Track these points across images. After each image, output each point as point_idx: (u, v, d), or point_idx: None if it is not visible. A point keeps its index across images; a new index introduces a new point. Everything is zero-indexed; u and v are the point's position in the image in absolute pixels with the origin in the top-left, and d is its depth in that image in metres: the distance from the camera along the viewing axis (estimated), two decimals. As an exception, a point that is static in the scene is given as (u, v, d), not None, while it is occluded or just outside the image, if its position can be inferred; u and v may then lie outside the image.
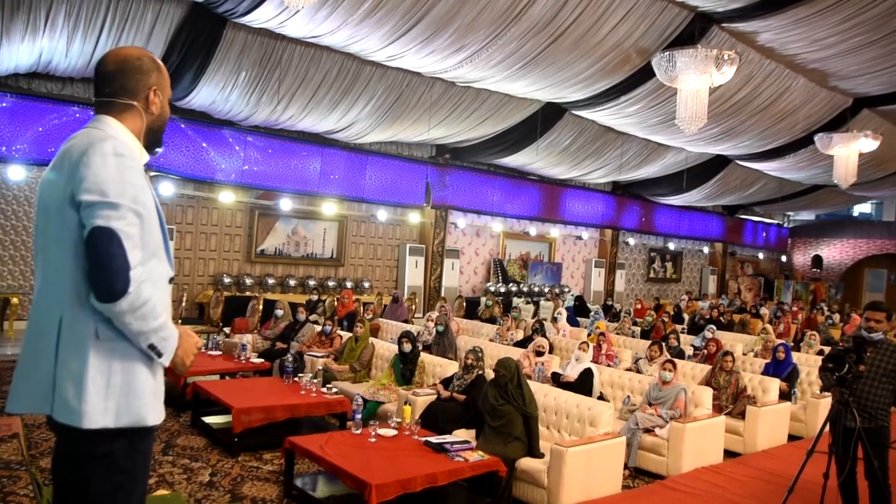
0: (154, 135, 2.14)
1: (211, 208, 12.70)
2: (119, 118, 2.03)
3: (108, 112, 2.04)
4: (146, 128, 2.09)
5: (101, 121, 2.02)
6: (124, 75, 2.04)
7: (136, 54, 2.09)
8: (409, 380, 7.07)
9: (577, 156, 15.43)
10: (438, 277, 15.52)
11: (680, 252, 22.16)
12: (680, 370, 7.76)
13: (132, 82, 2.05)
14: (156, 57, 2.15)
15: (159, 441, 5.89)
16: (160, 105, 2.11)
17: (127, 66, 2.05)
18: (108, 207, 1.81)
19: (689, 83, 10.03)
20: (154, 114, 2.10)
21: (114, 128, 2.00)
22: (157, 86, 2.09)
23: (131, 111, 2.05)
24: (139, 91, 2.06)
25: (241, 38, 9.71)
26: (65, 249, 1.87)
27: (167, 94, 2.15)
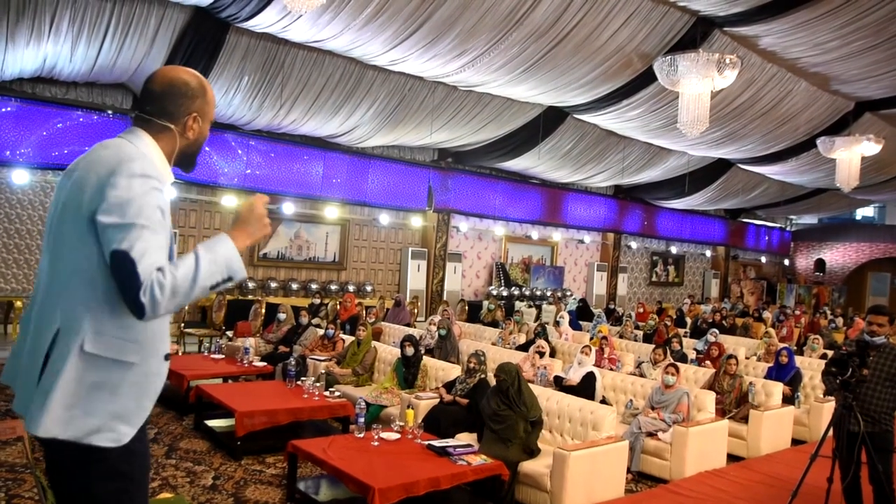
0: (187, 157, 2.14)
1: (214, 212, 12.73)
2: (154, 136, 2.02)
3: (145, 127, 2.03)
4: (179, 150, 2.09)
5: (136, 134, 2.01)
6: (167, 98, 2.03)
7: (184, 79, 2.07)
8: (412, 383, 7.08)
9: (579, 160, 15.44)
10: (441, 281, 15.53)
11: (682, 256, 22.15)
12: (683, 374, 7.77)
13: (173, 106, 2.03)
14: (205, 80, 2.13)
15: (162, 444, 5.89)
16: (198, 131, 2.10)
17: (172, 90, 2.04)
18: (125, 229, 1.78)
19: (691, 87, 10.04)
20: (190, 139, 2.09)
21: (146, 144, 1.99)
22: (199, 112, 2.08)
23: (168, 133, 2.04)
24: (179, 116, 2.05)
25: (244, 43, 9.74)
26: (75, 261, 1.86)
27: (209, 118, 2.13)
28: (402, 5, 8.54)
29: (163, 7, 8.81)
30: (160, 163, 2.00)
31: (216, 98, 9.61)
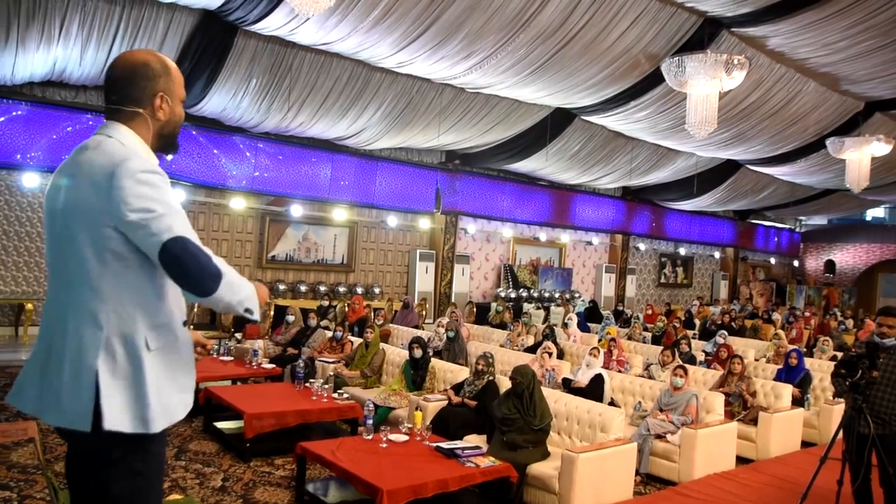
0: (165, 139, 2.11)
1: (222, 214, 12.78)
2: (128, 125, 2.01)
3: (117, 119, 2.02)
4: (155, 134, 2.07)
5: (113, 128, 2.00)
6: (129, 83, 2.01)
7: (143, 59, 2.05)
8: (420, 385, 7.08)
9: (587, 161, 15.42)
10: (449, 283, 15.54)
11: (691, 257, 22.08)
12: (691, 376, 7.75)
13: (137, 90, 2.01)
14: (166, 58, 2.09)
15: (172, 446, 5.92)
16: (168, 111, 2.07)
17: (132, 73, 2.02)
18: (161, 219, 1.82)
19: (699, 88, 10.02)
20: (161, 119, 2.06)
21: (125, 136, 1.98)
22: (165, 91, 2.05)
23: (138, 118, 2.03)
24: (144, 98, 2.02)
25: (251, 46, 9.78)
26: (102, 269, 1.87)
27: (178, 96, 2.10)
28: (410, 7, 8.55)
29: (171, 11, 8.86)
30: (143, 150, 2.01)
31: (224, 101, 9.71)
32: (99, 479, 1.90)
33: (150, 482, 1.96)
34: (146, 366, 1.88)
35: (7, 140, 9.98)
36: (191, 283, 1.86)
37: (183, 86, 2.13)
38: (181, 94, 2.11)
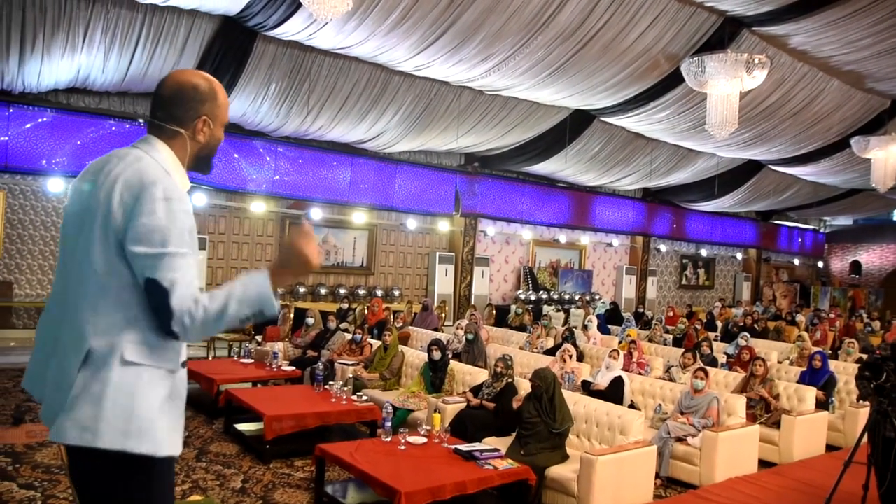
0: (200, 161, 2.12)
1: (243, 218, 12.89)
2: (167, 142, 2.02)
3: (157, 134, 2.03)
4: (192, 155, 2.07)
5: (150, 143, 2.00)
6: (175, 103, 2.02)
7: (193, 82, 2.05)
8: (439, 388, 7.08)
9: (607, 163, 15.35)
10: (468, 285, 15.53)
11: (712, 258, 21.87)
12: (712, 378, 7.67)
13: (181, 111, 2.02)
14: (216, 83, 2.09)
15: (193, 448, 5.97)
16: (209, 134, 2.07)
17: (180, 94, 2.02)
18: (161, 259, 1.81)
19: (719, 88, 9.95)
20: (201, 142, 2.07)
21: (161, 153, 1.98)
22: (209, 115, 2.05)
23: (178, 138, 2.02)
24: (188, 120, 2.03)
25: (271, 51, 9.86)
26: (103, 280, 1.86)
27: (220, 121, 2.10)
28: (427, 11, 8.58)
29: (192, 17, 8.96)
30: (176, 170, 2.00)
31: (244, 106, 9.79)
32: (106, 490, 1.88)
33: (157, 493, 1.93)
34: (113, 377, 1.83)
35: (33, 146, 10.15)
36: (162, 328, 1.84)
37: (227, 110, 2.14)
38: (224, 119, 2.12)
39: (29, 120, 10.12)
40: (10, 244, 10.72)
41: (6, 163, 10.04)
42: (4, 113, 9.93)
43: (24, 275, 10.82)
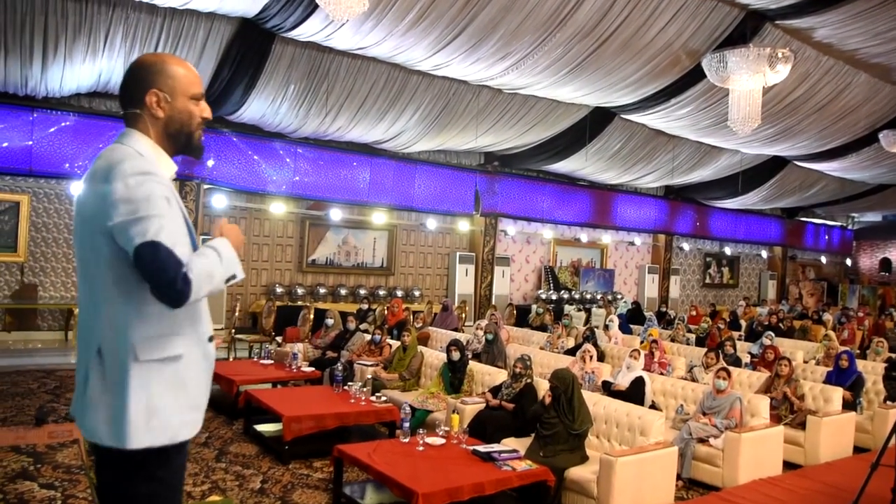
0: (176, 139, 2.05)
1: (263, 219, 12.95)
2: (139, 129, 2.00)
3: (129, 124, 2.02)
4: (160, 134, 2.02)
5: (126, 133, 2.00)
6: (127, 86, 2.01)
7: (141, 60, 2.03)
8: (458, 388, 7.05)
9: (628, 160, 15.21)
10: (489, 285, 15.48)
11: (737, 257, 21.58)
12: (736, 378, 7.55)
13: (130, 91, 2.00)
14: (168, 57, 2.04)
15: (212, 448, 6.00)
16: (168, 108, 2.00)
17: (128, 76, 2.02)
18: (140, 222, 1.79)
19: (742, 83, 9.80)
20: (160, 117, 2.00)
21: (137, 140, 1.97)
22: (162, 87, 1.98)
23: (140, 119, 1.99)
24: (139, 98, 1.99)
25: (289, 52, 9.90)
26: (99, 276, 1.88)
27: (182, 93, 2.01)
28: (444, 10, 8.55)
29: (210, 20, 9.02)
30: (155, 155, 1.98)
31: (263, 107, 9.80)
32: (120, 484, 1.92)
33: (169, 486, 1.97)
34: (132, 377, 1.85)
35: (56, 150, 10.29)
36: (158, 293, 1.82)
37: (193, 83, 2.04)
38: (189, 91, 2.03)
39: (52, 124, 10.26)
40: (34, 247, 10.87)
41: (31, 167, 10.18)
42: (28, 118, 10.08)
43: (49, 277, 10.97)
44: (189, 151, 2.11)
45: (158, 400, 1.89)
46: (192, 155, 2.13)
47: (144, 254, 1.78)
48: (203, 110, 2.08)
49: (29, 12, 8.29)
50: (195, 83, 2.05)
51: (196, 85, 2.05)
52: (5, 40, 8.56)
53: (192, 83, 2.04)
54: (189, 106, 2.04)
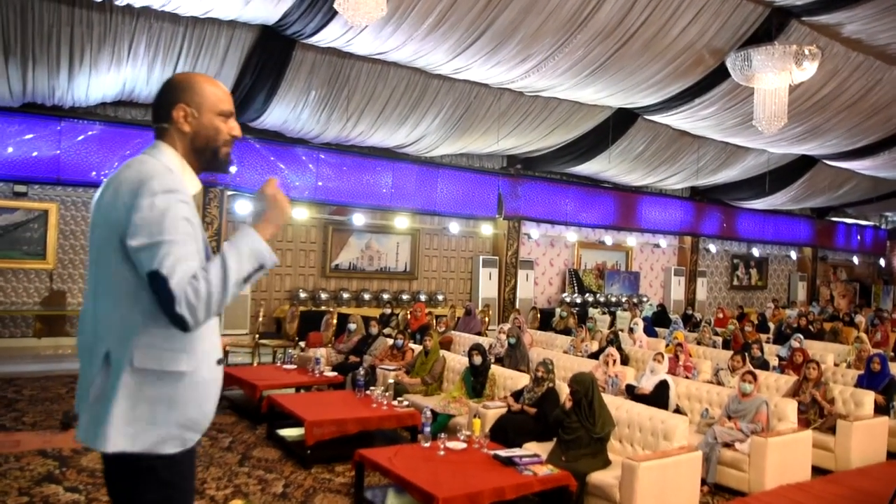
0: (202, 155, 2.09)
1: (286, 225, 13.03)
2: (167, 142, 2.04)
3: (158, 137, 2.06)
4: (187, 148, 2.06)
5: (156, 146, 2.04)
6: (157, 102, 2.07)
7: (170, 79, 2.10)
8: (480, 392, 7.01)
9: (652, 162, 15.06)
10: (513, 289, 15.42)
11: (765, 258, 21.25)
12: (763, 382, 7.42)
13: (162, 107, 2.05)
14: (197, 75, 2.11)
15: (236, 453, 6.03)
16: (195, 124, 2.05)
17: (159, 93, 2.08)
18: (158, 248, 1.81)
19: (767, 82, 9.68)
20: (187, 132, 2.05)
21: (165, 154, 2.01)
22: (188, 102, 2.04)
23: (169, 134, 2.05)
24: (167, 113, 2.05)
25: (309, 59, 9.96)
26: (112, 285, 1.90)
27: (209, 108, 2.06)
28: (464, 14, 8.54)
29: (231, 28, 9.11)
30: (181, 170, 2.01)
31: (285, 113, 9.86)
32: (130, 490, 1.93)
33: (178, 491, 1.97)
34: (122, 382, 1.86)
35: (83, 158, 10.46)
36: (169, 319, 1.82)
37: (221, 99, 2.09)
38: (217, 108, 2.07)
39: (79, 133, 10.43)
40: (63, 254, 11.05)
41: (58, 176, 10.36)
42: (56, 127, 10.25)
43: (77, 284, 11.14)
44: (215, 167, 2.13)
45: (142, 410, 1.88)
46: (218, 170, 2.16)
47: (152, 282, 1.81)
48: (232, 128, 2.11)
49: (56, 23, 8.45)
50: (224, 101, 2.09)
51: (225, 102, 2.09)
52: (33, 51, 8.73)
53: (221, 100, 2.09)
54: (216, 122, 2.08)
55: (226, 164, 2.14)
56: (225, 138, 2.10)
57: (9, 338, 10.61)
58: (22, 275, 10.82)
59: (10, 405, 7.27)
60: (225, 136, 2.10)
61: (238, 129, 2.14)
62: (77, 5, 8.30)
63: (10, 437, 6.13)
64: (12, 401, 7.45)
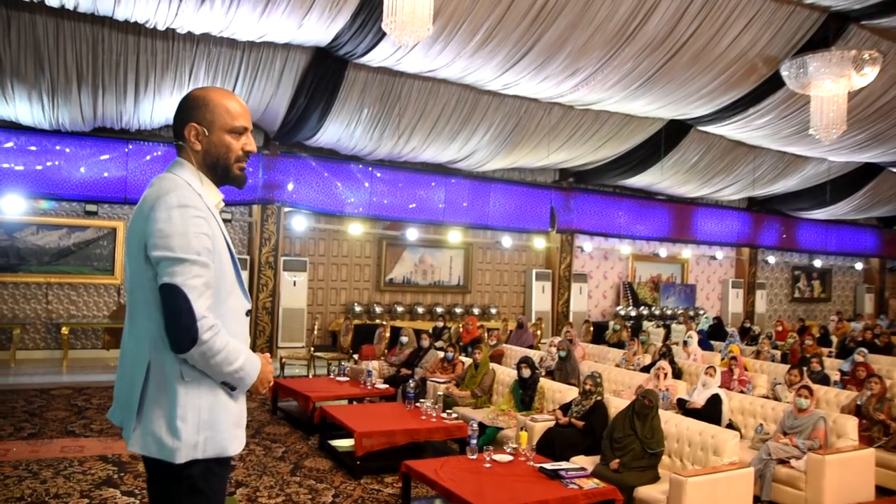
0: (215, 171, 2.15)
1: (341, 240, 13.31)
2: (185, 158, 2.13)
3: (179, 154, 2.16)
4: (200, 164, 2.13)
5: (176, 163, 2.14)
6: (175, 119, 2.16)
7: (187, 96, 2.16)
8: (529, 405, 7.03)
9: (706, 173, 14.81)
10: (566, 302, 15.34)
11: (829, 269, 20.54)
12: (822, 397, 7.23)
13: (176, 124, 2.15)
14: (212, 91, 2.15)
15: (288, 462, 6.20)
16: (206, 141, 2.11)
17: (178, 111, 2.16)
18: (173, 263, 1.90)
19: (825, 89, 9.43)
20: (198, 150, 2.12)
21: (184, 170, 2.10)
22: (198, 121, 2.10)
23: (184, 151, 2.13)
24: (181, 131, 2.13)
25: (362, 78, 10.21)
26: (145, 297, 1.99)
27: (220, 126, 2.12)
28: (511, 30, 8.64)
29: (286, 50, 9.43)
30: (199, 185, 2.09)
31: (339, 131, 10.09)
32: (165, 495, 2.04)
33: (211, 501, 2.06)
34: (180, 397, 1.96)
35: (148, 179, 10.77)
36: (168, 332, 1.93)
37: (234, 115, 2.13)
38: (227, 124, 2.13)
39: (145, 154, 10.93)
40: (130, 270, 11.53)
41: (125, 196, 10.85)
42: (124, 149, 10.76)
43: (143, 298, 11.60)
44: (228, 182, 2.21)
45: (207, 415, 2.00)
46: (233, 185, 2.23)
47: (165, 294, 1.91)
48: (245, 144, 2.17)
49: (123, 52, 8.90)
50: (238, 117, 2.15)
51: (238, 118, 2.15)
52: (103, 79, 9.21)
53: (234, 117, 2.14)
54: (226, 139, 2.14)
55: (240, 180, 2.21)
56: (237, 154, 2.16)
57: (80, 349, 11.13)
58: (92, 289, 11.35)
59: (80, 412, 7.64)
60: (237, 153, 2.15)
61: (253, 145, 2.21)
62: (143, 34, 8.73)
63: (76, 443, 6.46)
64: (82, 408, 7.83)
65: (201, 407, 1.99)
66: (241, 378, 2.03)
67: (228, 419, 2.05)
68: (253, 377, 2.07)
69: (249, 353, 2.08)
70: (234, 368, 2.00)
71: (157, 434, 1.97)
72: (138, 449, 1.99)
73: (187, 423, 1.96)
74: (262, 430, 7.26)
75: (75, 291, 11.24)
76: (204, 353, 1.92)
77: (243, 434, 2.13)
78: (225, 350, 1.96)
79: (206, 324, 1.90)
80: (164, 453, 1.96)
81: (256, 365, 2.08)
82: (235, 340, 2.01)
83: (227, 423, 2.04)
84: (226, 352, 1.96)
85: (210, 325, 1.92)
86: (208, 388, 2.01)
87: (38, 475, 5.49)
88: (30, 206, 10.68)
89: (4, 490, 5.12)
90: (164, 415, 1.97)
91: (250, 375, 2.05)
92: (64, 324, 10.63)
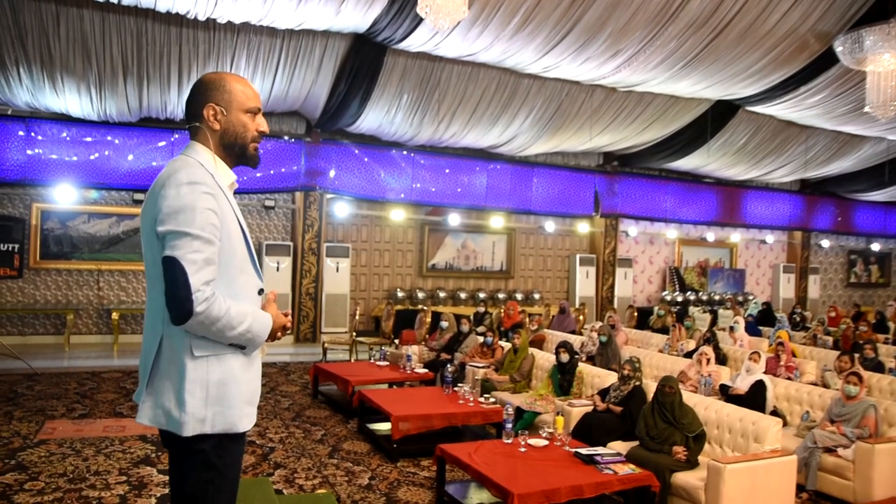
0: (232, 150, 2.22)
1: (384, 226, 13.38)
2: (200, 141, 2.18)
3: (192, 137, 2.21)
4: (217, 144, 2.18)
5: (189, 145, 2.19)
6: (190, 101, 2.21)
7: (201, 79, 2.21)
8: (567, 390, 6.98)
9: (756, 154, 14.40)
10: (610, 287, 15.16)
11: (888, 253, 19.80)
12: (875, 384, 7.01)
13: (192, 106, 2.19)
14: (226, 74, 2.23)
15: (327, 445, 6.29)
16: (224, 121, 2.17)
17: (192, 93, 2.21)
18: (176, 237, 1.95)
19: (882, 64, 9.06)
20: (217, 129, 2.17)
21: (197, 151, 2.15)
22: (218, 101, 2.16)
23: (201, 132, 2.18)
24: (198, 112, 2.17)
25: (401, 63, 10.20)
26: (159, 274, 2.03)
27: (237, 107, 2.18)
28: (550, 11, 8.51)
29: (325, 37, 9.47)
30: (212, 166, 2.13)
31: (379, 118, 10.12)
32: (180, 469, 2.09)
33: (222, 476, 2.09)
34: (188, 371, 2.01)
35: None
36: (167, 304, 1.97)
37: (249, 97, 2.21)
38: (244, 105, 2.20)
39: (190, 143, 11.12)
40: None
41: (172, 183, 11.06)
42: (170, 138, 10.99)
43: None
44: (244, 161, 2.27)
45: (216, 391, 2.03)
46: (248, 164, 2.29)
47: (166, 267, 1.96)
48: (259, 124, 2.24)
49: (166, 43, 9.07)
50: (251, 98, 2.23)
51: (252, 100, 2.23)
52: (147, 71, 9.41)
53: (249, 98, 2.22)
54: (243, 119, 2.21)
55: (255, 159, 2.28)
56: (253, 134, 2.23)
57: (130, 334, 11.47)
58: (141, 276, 11.67)
59: (128, 395, 7.88)
60: (253, 133, 2.23)
61: (265, 126, 2.27)
62: (184, 25, 8.89)
63: (118, 423, 6.67)
64: (130, 391, 8.06)
65: (210, 382, 2.03)
66: (251, 339, 2.08)
67: (239, 396, 2.08)
68: (264, 334, 2.12)
69: (257, 311, 2.11)
70: (239, 332, 2.03)
71: (167, 407, 2.02)
72: (147, 421, 2.05)
73: (195, 397, 2.00)
74: (302, 413, 7.37)
75: (125, 278, 11.57)
76: (202, 323, 1.96)
77: (254, 412, 2.16)
78: (225, 316, 1.99)
79: (200, 296, 1.94)
80: (171, 425, 2.01)
81: (266, 322, 2.12)
82: (239, 304, 2.04)
83: (237, 400, 2.07)
84: (227, 318, 1.99)
85: (205, 297, 1.95)
86: (218, 363, 2.05)
87: (80, 453, 5.69)
88: (80, 195, 11.01)
89: (49, 466, 5.33)
90: (172, 388, 2.02)
91: (260, 334, 2.10)
92: (114, 309, 10.98)
